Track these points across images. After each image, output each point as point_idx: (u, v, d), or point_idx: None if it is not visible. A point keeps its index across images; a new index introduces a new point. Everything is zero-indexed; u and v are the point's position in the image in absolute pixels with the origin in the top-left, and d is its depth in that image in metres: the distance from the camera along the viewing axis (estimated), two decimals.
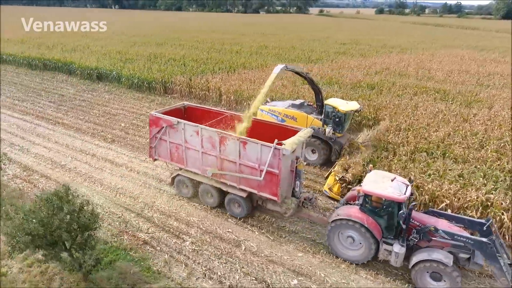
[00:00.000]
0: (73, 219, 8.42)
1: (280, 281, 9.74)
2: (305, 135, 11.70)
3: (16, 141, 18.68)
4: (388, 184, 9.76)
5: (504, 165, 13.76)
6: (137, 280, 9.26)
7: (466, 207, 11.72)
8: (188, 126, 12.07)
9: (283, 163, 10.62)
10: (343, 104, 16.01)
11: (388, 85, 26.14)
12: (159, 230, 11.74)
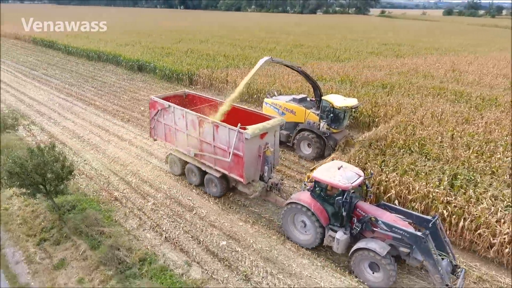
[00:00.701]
0: (47, 168, 10.74)
1: (212, 241, 11.13)
2: (273, 123, 12.46)
3: (53, 115, 22.43)
4: (339, 172, 10.07)
5: (476, 164, 13.37)
6: (94, 223, 11.35)
7: (411, 200, 11.89)
8: (177, 109, 13.65)
9: (247, 147, 11.63)
10: (339, 100, 16.27)
11: (404, 85, 25.52)
12: (131, 192, 13.83)
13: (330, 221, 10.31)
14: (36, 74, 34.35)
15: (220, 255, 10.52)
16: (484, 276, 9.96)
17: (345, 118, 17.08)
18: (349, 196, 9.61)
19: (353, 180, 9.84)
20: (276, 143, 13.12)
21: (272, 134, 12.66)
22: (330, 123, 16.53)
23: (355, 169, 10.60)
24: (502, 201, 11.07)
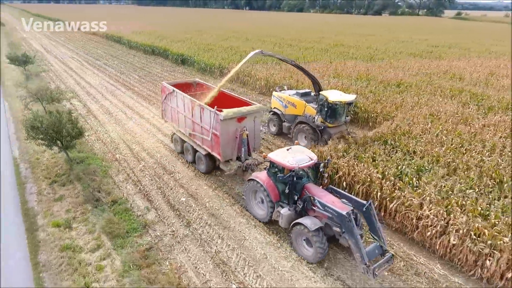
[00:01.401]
0: (62, 127, 14.02)
1: (175, 197, 13.45)
2: (248, 110, 13.96)
3: (97, 96, 26.86)
4: (291, 154, 11.02)
5: (445, 159, 13.55)
6: (92, 173, 14.40)
7: (356, 182, 12.80)
8: (178, 94, 15.88)
9: (223, 127, 13.18)
10: (334, 95, 16.87)
11: (421, 85, 25.08)
12: (130, 156, 16.80)
13: (280, 199, 11.27)
14: (97, 63, 40.29)
15: (176, 206, 12.78)
16: (410, 257, 10.62)
17: (341, 113, 17.37)
18: (294, 175, 10.43)
19: (302, 162, 10.68)
20: (256, 128, 14.47)
21: (251, 119, 14.05)
22: (325, 117, 17.02)
23: (309, 154, 11.32)
24: (439, 189, 11.50)
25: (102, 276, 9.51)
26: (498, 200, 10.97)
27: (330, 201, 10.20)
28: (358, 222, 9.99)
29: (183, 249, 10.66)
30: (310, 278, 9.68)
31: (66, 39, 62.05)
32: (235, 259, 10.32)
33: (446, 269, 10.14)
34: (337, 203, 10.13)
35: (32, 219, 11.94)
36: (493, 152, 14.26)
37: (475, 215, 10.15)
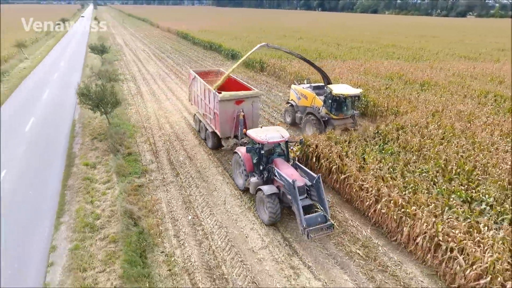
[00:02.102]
0: (104, 96, 18.29)
1: (176, 157, 16.68)
2: (245, 94, 15.93)
3: (150, 80, 31.85)
4: (265, 132, 12.40)
5: (426, 150, 14.42)
6: (121, 134, 18.37)
7: (322, 158, 14.49)
8: (198, 79, 19.10)
9: (222, 107, 15.24)
10: (339, 88, 17.98)
11: (450, 86, 24.64)
12: (156, 125, 20.62)
13: (254, 169, 12.80)
14: (161, 56, 46.30)
15: (173, 163, 16.02)
16: (347, 221, 12.23)
17: (346, 106, 18.04)
18: (260, 148, 12.04)
19: (272, 139, 12.01)
20: (254, 111, 16.20)
21: (249, 103, 15.89)
22: (330, 109, 17.86)
23: (283, 133, 12.54)
24: (392, 167, 12.71)
25: (103, 198, 13.08)
26: (435, 184, 11.79)
27: (289, 173, 11.39)
28: (309, 193, 11.43)
29: (165, 190, 13.78)
30: (252, 222, 11.93)
31: (145, 36, 70.97)
32: (200, 201, 13.07)
33: (374, 234, 11.49)
34: (294, 175, 11.30)
35: (72, 159, 16.23)
36: (474, 147, 14.56)
37: (398, 189, 11.36)
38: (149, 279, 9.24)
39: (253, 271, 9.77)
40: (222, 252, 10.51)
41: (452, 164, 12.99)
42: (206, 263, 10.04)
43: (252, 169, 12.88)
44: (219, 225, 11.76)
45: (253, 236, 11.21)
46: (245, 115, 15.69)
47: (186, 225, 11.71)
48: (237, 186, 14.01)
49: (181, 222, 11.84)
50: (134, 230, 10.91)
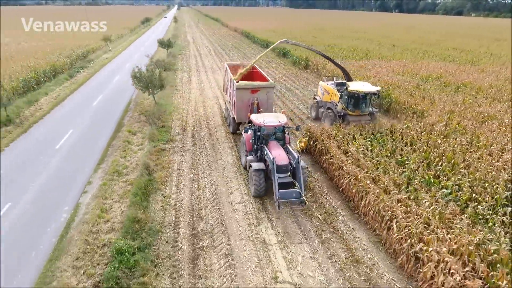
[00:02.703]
0: (151, 82, 22.27)
1: (199, 132, 19.73)
2: (259, 84, 17.87)
3: (201, 72, 35.86)
4: (266, 118, 13.83)
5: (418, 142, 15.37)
6: (162, 112, 22.08)
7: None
8: (227, 71, 22.13)
9: (238, 95, 16.98)
10: (356, 85, 18.71)
11: (488, 90, 23.71)
12: (193, 108, 24.08)
13: (252, 149, 14.35)
14: (220, 52, 50.64)
15: (195, 137, 19.15)
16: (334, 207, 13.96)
17: (363, 103, 18.42)
18: (256, 129, 13.64)
19: (269, 123, 13.46)
20: (268, 101, 17.70)
21: (264, 93, 17.41)
22: (346, 105, 18.51)
23: (281, 119, 13.93)
24: (377, 153, 13.99)
25: (134, 155, 16.66)
26: (413, 171, 12.75)
27: (276, 153, 12.63)
28: (291, 172, 12.68)
29: (181, 154, 16.90)
30: (240, 184, 14.29)
31: (212, 34, 76.94)
32: (205, 165, 15.89)
33: (341, 206, 12.99)
34: (281, 155, 12.59)
35: (120, 127, 20.39)
36: (472, 144, 14.88)
37: (367, 168, 12.65)
38: (145, 209, 12.28)
39: (225, 216, 12.19)
40: (207, 200, 13.13)
41: (437, 155, 13.71)
42: (191, 206, 12.77)
43: (251, 149, 14.41)
44: (212, 183, 14.40)
45: (236, 194, 13.59)
46: (260, 103, 17.42)
47: (187, 180, 14.59)
48: (241, 163, 15.93)
49: (184, 177, 14.78)
50: (146, 177, 14.14)
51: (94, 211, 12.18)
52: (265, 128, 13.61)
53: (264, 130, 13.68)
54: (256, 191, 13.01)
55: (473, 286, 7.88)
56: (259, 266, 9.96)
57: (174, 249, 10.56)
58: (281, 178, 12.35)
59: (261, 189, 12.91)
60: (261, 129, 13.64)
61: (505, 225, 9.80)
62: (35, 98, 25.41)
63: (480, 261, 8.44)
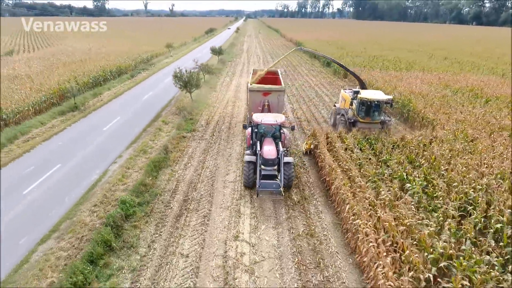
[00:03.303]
0: (189, 81, 25.81)
1: (220, 126, 22.43)
2: (270, 87, 19.49)
3: (243, 75, 38.90)
4: (265, 117, 15.29)
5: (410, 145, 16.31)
6: (196, 107, 25.35)
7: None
8: (251, 75, 24.76)
9: (251, 96, 19.10)
10: (367, 93, 19.26)
11: None
12: (223, 106, 26.95)
13: (250, 145, 15.95)
14: (268, 60, 53.48)
15: (215, 129, 21.84)
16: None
17: (374, 111, 18.82)
18: (253, 126, 15.31)
19: (266, 121, 14.84)
20: (279, 103, 19.24)
21: (275, 96, 18.96)
22: (357, 112, 18.99)
23: (279, 119, 15.24)
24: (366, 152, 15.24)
25: (161, 139, 19.87)
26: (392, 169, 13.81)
27: (267, 149, 13.88)
28: (278, 164, 14.18)
29: (198, 142, 19.70)
30: (238, 169, 16.50)
31: (268, 44, 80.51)
32: (215, 151, 18.43)
33: (319, 193, 14.48)
34: (270, 151, 13.77)
35: (157, 117, 24.03)
36: (466, 151, 15.26)
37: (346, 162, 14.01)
38: (154, 178, 15.17)
39: (215, 190, 14.52)
40: (205, 177, 15.62)
41: (424, 158, 14.47)
42: (191, 180, 15.36)
43: (250, 144, 15.87)
44: (215, 165, 16.87)
45: (232, 175, 15.85)
46: (270, 105, 19.03)
47: (196, 161, 17.27)
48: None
49: (193, 159, 17.49)
50: (163, 155, 17.14)
51: (117, 176, 15.42)
52: (263, 126, 15.16)
53: (261, 128, 15.25)
54: (245, 182, 14.28)
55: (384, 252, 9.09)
56: (227, 227, 12.07)
57: (166, 208, 13.18)
58: (267, 171, 13.72)
59: (249, 179, 14.05)
60: (258, 127, 15.21)
61: (447, 215, 10.59)
62: (99, 92, 30.67)
63: (402, 238, 9.55)
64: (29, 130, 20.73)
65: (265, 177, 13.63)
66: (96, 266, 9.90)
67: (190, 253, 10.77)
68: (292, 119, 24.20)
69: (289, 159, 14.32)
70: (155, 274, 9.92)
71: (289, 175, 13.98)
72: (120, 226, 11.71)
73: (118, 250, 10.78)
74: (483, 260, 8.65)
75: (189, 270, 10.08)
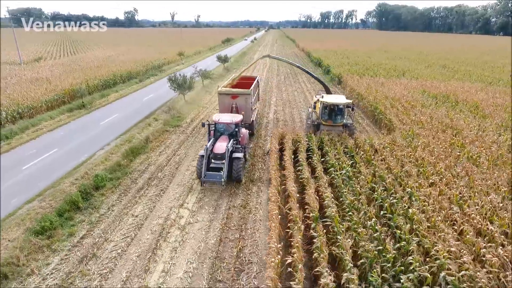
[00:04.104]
0: (183, 83, 28.86)
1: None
2: (238, 91, 21.01)
3: None
4: (223, 116, 17.21)
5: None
6: (183, 107, 28.24)
7: None
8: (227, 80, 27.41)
9: (220, 99, 20.60)
10: (329, 97, 20.70)
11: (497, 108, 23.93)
12: (210, 109, 29.66)
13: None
14: (274, 68, 56.06)
15: (196, 126, 24.47)
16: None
17: (335, 114, 20.00)
18: (209, 124, 17.07)
19: (223, 120, 16.70)
20: (247, 106, 20.26)
21: (243, 99, 20.12)
22: (321, 115, 20.19)
23: (235, 118, 16.90)
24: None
25: (147, 132, 22.74)
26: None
27: (218, 145, 15.50)
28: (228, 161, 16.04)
29: (178, 135, 22.39)
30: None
31: (279, 52, 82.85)
32: (190, 143, 21.05)
33: (265, 186, 16.67)
34: (220, 147, 15.34)
35: (150, 115, 27.05)
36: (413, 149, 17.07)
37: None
38: (130, 161, 17.93)
39: (178, 171, 17.12)
40: (173, 162, 18.23)
41: (363, 152, 16.43)
42: (161, 163, 18.02)
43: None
44: (186, 153, 19.50)
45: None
46: (239, 107, 20.15)
47: (170, 150, 19.94)
48: None
49: (169, 148, 20.19)
50: (142, 144, 19.96)
51: (101, 159, 18.30)
52: (219, 124, 16.92)
53: (219, 126, 16.98)
54: (197, 172, 15.58)
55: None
56: (177, 199, 14.55)
57: (132, 183, 15.86)
58: (216, 164, 15.27)
59: (199, 171, 15.19)
60: (216, 125, 16.93)
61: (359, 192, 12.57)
62: (107, 93, 34.32)
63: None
64: (39, 122, 24.28)
65: (213, 169, 15.20)
66: (62, 218, 12.64)
67: (139, 215, 13.32)
68: (271, 119, 26.45)
69: (238, 155, 15.85)
70: (107, 227, 12.51)
71: (237, 169, 15.50)
72: (90, 193, 14.48)
73: (83, 210, 13.51)
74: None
75: (134, 226, 12.60)
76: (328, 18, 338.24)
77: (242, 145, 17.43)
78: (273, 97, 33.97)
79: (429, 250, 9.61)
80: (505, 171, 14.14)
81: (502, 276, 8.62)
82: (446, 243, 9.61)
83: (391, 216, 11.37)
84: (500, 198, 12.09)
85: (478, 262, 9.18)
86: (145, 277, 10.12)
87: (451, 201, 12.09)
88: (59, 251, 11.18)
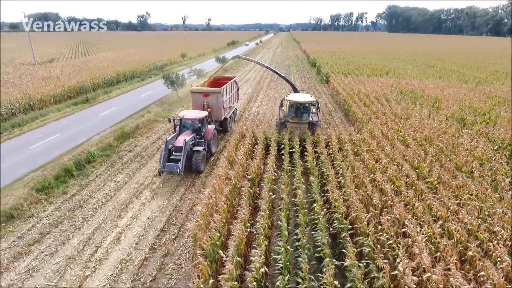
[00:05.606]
0: (176, 80, 32.10)
1: None
2: (209, 89, 22.66)
3: (242, 82, 44.67)
4: (189, 112, 18.91)
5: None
6: (174, 102, 31.44)
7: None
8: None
9: (193, 97, 21.63)
10: (293, 96, 21.71)
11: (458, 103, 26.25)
12: None
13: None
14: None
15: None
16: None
17: (300, 112, 20.82)
18: (174, 119, 19.35)
19: (187, 117, 18.03)
20: (218, 104, 21.34)
21: (215, 97, 21.12)
22: (287, 113, 21.22)
23: (199, 115, 18.20)
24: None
25: (140, 121, 25.97)
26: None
27: (179, 138, 16.79)
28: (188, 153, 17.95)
29: (165, 124, 25.51)
30: None
31: (281, 54, 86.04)
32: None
33: None
34: (179, 140, 16.64)
35: (145, 108, 30.31)
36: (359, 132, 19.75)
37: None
38: (119, 143, 21.12)
39: (159, 151, 20.13)
40: (157, 145, 21.32)
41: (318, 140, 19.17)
42: (145, 146, 21.13)
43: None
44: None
45: None
46: (210, 105, 21.15)
47: (156, 136, 23.06)
48: None
49: (155, 134, 23.32)
50: (133, 130, 23.16)
51: (95, 142, 21.56)
52: (186, 120, 18.35)
53: (185, 122, 18.38)
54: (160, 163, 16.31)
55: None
56: (150, 172, 17.58)
57: (118, 159, 19.03)
58: (176, 156, 16.57)
59: (163, 161, 16.03)
60: (182, 121, 18.32)
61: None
62: (110, 90, 37.89)
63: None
64: (47, 113, 27.85)
65: (173, 161, 16.40)
66: (58, 181, 15.86)
67: (120, 180, 16.44)
68: (252, 115, 29.27)
69: (199, 148, 17.42)
70: (94, 189, 15.66)
71: (196, 161, 16.93)
72: (83, 165, 17.70)
73: (76, 176, 16.73)
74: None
75: (115, 188, 15.71)
76: (338, 21, 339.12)
77: (206, 140, 18.70)
78: (261, 94, 36.91)
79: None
80: (426, 147, 16.68)
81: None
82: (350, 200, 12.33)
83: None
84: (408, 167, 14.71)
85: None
86: (117, 220, 13.18)
87: (371, 171, 14.76)
88: (54, 203, 14.36)
